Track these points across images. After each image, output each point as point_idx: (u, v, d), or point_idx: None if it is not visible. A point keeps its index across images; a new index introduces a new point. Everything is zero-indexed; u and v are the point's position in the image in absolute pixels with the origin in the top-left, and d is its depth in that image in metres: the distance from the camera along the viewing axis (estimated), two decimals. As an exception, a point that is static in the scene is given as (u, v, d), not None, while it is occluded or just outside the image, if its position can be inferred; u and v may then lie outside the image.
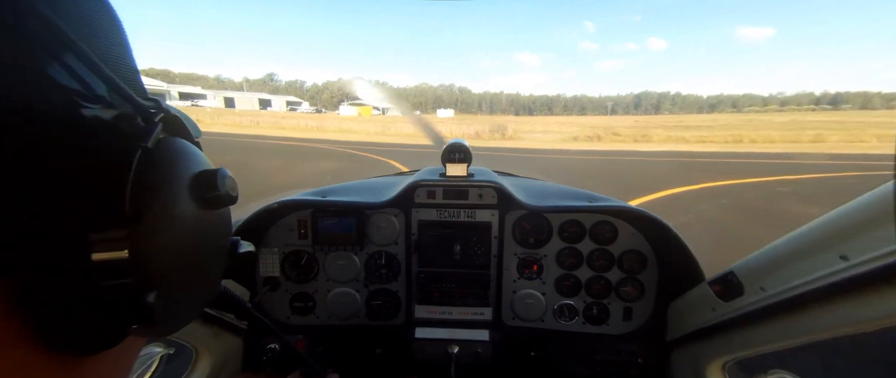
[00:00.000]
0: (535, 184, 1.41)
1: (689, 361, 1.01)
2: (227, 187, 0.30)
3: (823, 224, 0.62)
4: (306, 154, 12.53)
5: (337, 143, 16.31)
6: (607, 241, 1.18)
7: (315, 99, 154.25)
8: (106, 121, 0.22)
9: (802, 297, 0.64)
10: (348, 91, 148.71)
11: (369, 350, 1.27)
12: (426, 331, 1.21)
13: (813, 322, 0.64)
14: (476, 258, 1.21)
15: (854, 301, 0.56)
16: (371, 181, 1.40)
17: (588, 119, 68.35)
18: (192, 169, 0.28)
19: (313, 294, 1.24)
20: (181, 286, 0.27)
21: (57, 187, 0.19)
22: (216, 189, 0.29)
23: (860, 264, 0.55)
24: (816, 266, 0.62)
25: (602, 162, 11.89)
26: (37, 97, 0.19)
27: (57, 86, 0.20)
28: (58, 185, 0.19)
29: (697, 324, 0.95)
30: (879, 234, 0.52)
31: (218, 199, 0.29)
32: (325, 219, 1.18)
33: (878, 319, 0.53)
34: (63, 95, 0.21)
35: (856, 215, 0.57)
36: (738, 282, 0.80)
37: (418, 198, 1.19)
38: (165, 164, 0.25)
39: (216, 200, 0.29)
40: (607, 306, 1.21)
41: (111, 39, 0.26)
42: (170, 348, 1.05)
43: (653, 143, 18.86)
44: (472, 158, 1.19)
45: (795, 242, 0.68)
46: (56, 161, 0.19)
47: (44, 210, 0.19)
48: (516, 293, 1.23)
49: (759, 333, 0.76)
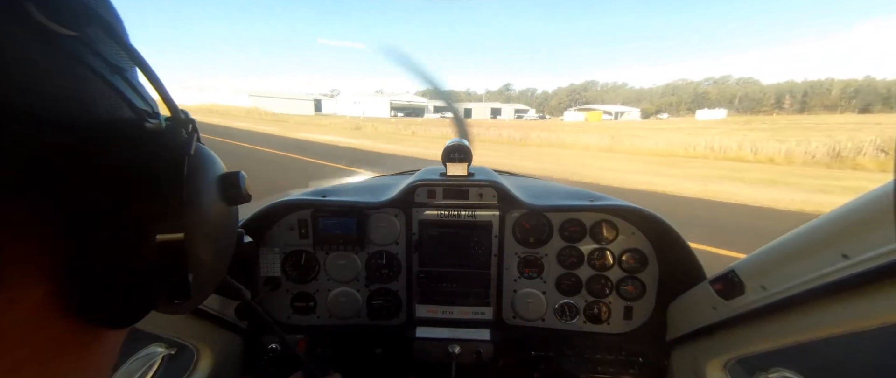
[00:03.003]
0: (536, 183, 1.45)
1: (690, 360, 1.02)
2: (245, 187, 0.35)
3: (824, 223, 0.62)
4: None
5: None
6: (608, 240, 1.17)
7: (542, 106, 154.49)
8: (162, 132, 0.28)
9: (804, 295, 0.64)
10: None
11: (370, 350, 1.26)
12: (427, 330, 1.20)
13: (814, 320, 0.64)
14: (477, 257, 1.20)
15: (855, 299, 0.56)
16: (371, 181, 1.45)
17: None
18: (217, 171, 0.33)
19: (314, 294, 1.24)
20: (206, 270, 0.32)
21: (126, 186, 0.24)
22: (238, 188, 0.34)
23: (861, 263, 0.55)
24: (818, 265, 0.62)
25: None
26: (118, 116, 0.25)
27: (132, 106, 0.27)
28: (127, 184, 0.24)
29: (698, 322, 0.95)
30: (880, 233, 0.52)
31: (239, 196, 0.35)
32: (325, 219, 1.18)
33: (879, 317, 0.54)
34: (136, 113, 0.27)
35: (857, 214, 0.57)
36: (740, 280, 0.80)
37: (419, 197, 1.18)
38: (202, 166, 0.30)
39: (237, 197, 0.35)
40: (608, 305, 1.20)
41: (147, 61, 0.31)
42: (171, 348, 1.06)
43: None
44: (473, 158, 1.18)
45: (796, 241, 0.68)
46: (127, 163, 0.24)
47: (116, 205, 0.23)
48: (517, 292, 1.22)
49: (761, 332, 0.77)
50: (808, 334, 0.66)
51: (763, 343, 0.78)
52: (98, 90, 0.24)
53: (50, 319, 0.22)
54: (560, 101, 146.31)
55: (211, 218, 0.31)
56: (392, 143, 17.34)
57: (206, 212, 0.30)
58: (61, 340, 0.23)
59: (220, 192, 0.33)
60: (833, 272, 0.59)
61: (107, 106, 0.24)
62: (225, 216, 0.34)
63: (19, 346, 0.20)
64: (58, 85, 0.21)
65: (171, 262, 0.26)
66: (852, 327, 0.58)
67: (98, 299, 0.24)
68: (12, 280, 0.19)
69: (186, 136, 0.29)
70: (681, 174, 9.72)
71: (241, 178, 0.35)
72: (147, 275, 0.25)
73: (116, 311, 0.25)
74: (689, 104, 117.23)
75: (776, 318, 0.71)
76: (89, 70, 0.23)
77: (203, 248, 0.30)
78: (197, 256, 0.28)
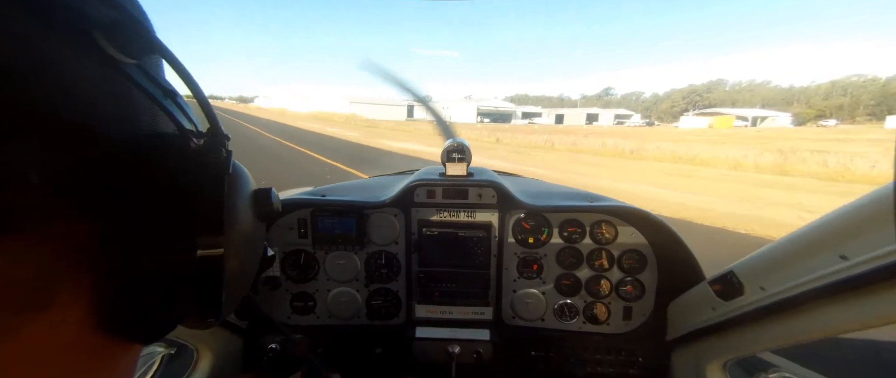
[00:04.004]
0: (535, 183, 1.45)
1: (689, 361, 1.02)
2: (276, 203, 0.36)
3: (823, 224, 0.62)
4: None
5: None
6: (607, 241, 1.17)
7: (649, 111, 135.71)
8: (204, 152, 0.28)
9: (802, 296, 0.64)
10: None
11: (370, 350, 1.26)
12: (426, 330, 1.20)
13: (813, 321, 0.64)
14: (476, 258, 1.19)
15: (854, 300, 0.56)
16: (371, 180, 1.45)
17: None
18: (250, 187, 0.34)
19: (313, 294, 1.24)
20: (236, 286, 0.32)
21: (170, 204, 0.25)
22: (270, 204, 0.35)
23: (860, 264, 0.54)
24: (816, 266, 0.62)
25: None
26: (167, 135, 0.27)
27: (180, 127, 0.28)
28: (170, 202, 0.25)
29: (698, 323, 0.95)
30: (879, 234, 0.52)
31: (270, 212, 0.35)
32: (324, 218, 1.17)
33: (878, 319, 0.54)
34: (183, 133, 0.28)
35: (856, 215, 0.57)
36: (739, 281, 0.80)
37: (418, 197, 1.18)
38: (238, 185, 0.31)
39: (269, 214, 0.35)
40: (607, 306, 1.20)
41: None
42: (171, 348, 1.06)
43: None
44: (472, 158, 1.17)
45: (795, 242, 0.68)
46: (173, 181, 0.25)
47: (165, 218, 0.24)
48: (516, 292, 1.22)
49: (760, 332, 0.77)
50: (806, 335, 0.67)
51: (762, 343, 0.79)
52: (151, 112, 0.25)
53: (85, 334, 0.22)
54: (673, 104, 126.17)
55: (245, 233, 0.31)
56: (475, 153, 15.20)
57: (242, 227, 0.31)
58: (93, 354, 0.23)
59: (253, 207, 0.33)
60: (831, 273, 0.59)
61: (158, 126, 0.26)
62: (257, 231, 0.35)
63: (54, 362, 0.20)
64: (116, 106, 0.23)
65: (208, 278, 0.26)
66: (851, 328, 0.59)
67: (133, 315, 0.24)
68: (61, 297, 0.20)
69: (226, 155, 0.29)
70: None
71: (272, 195, 0.35)
72: (185, 290, 0.26)
73: (148, 327, 0.26)
74: (871, 107, 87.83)
75: (775, 319, 0.72)
76: (145, 94, 0.25)
77: (235, 263, 0.30)
78: (230, 271, 0.29)
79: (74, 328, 0.21)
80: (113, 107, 0.22)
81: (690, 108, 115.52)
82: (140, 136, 0.24)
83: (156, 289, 0.25)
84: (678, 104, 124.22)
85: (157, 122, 0.26)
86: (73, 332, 0.21)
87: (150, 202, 0.24)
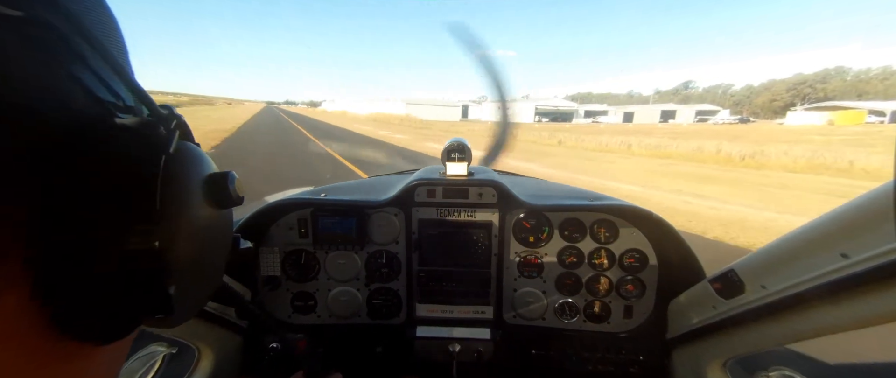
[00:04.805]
0: (536, 182, 1.44)
1: (690, 359, 1.02)
2: (236, 189, 0.33)
3: (824, 222, 0.62)
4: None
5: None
6: (608, 240, 1.17)
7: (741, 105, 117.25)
8: (134, 129, 0.25)
9: (803, 294, 0.64)
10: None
11: (370, 349, 1.27)
12: (427, 329, 1.21)
13: (814, 320, 0.64)
14: (477, 257, 1.20)
15: (855, 299, 0.56)
16: (371, 180, 1.44)
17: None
18: (204, 171, 0.30)
19: (314, 293, 1.24)
20: (193, 280, 0.29)
21: (94, 188, 0.22)
22: (226, 190, 0.31)
23: (861, 262, 0.55)
24: (817, 264, 0.62)
25: None
26: (77, 107, 0.22)
27: (95, 98, 0.24)
28: (95, 185, 0.22)
29: (698, 322, 0.95)
30: (880, 233, 0.52)
31: (227, 199, 0.32)
32: (325, 218, 1.18)
33: (878, 317, 0.54)
34: (100, 106, 0.24)
35: (856, 213, 0.57)
36: (739, 280, 0.80)
37: (418, 196, 1.18)
38: (183, 167, 0.27)
39: (226, 201, 0.32)
40: (608, 304, 1.20)
41: (121, 48, 0.28)
42: (172, 348, 1.06)
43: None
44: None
45: (796, 240, 0.68)
46: (93, 164, 0.22)
47: (82, 208, 0.21)
48: (517, 291, 1.22)
49: (761, 331, 0.77)
50: (807, 334, 0.67)
51: (763, 342, 0.78)
52: (50, 78, 0.21)
53: (27, 331, 0.20)
54: (774, 97, 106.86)
55: (195, 224, 0.28)
56: (531, 160, 12.88)
57: (190, 217, 0.27)
58: (47, 354, 0.22)
59: (207, 195, 0.30)
60: (832, 272, 0.59)
61: (61, 96, 0.21)
62: (213, 221, 0.32)
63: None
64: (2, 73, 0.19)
65: (147, 274, 0.23)
66: (851, 327, 0.59)
67: (74, 312, 0.22)
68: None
69: (165, 133, 0.26)
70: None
71: (230, 179, 0.32)
72: (122, 287, 0.23)
73: (96, 326, 0.23)
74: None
75: (776, 318, 0.72)
76: (40, 55, 0.20)
77: (188, 256, 0.27)
78: (180, 267, 0.26)
79: (12, 322, 0.20)
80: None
81: (798, 101, 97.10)
82: (38, 107, 0.20)
83: (88, 284, 0.22)
84: (780, 97, 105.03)
85: (59, 91, 0.21)
86: (13, 327, 0.20)
87: (65, 186, 0.21)
